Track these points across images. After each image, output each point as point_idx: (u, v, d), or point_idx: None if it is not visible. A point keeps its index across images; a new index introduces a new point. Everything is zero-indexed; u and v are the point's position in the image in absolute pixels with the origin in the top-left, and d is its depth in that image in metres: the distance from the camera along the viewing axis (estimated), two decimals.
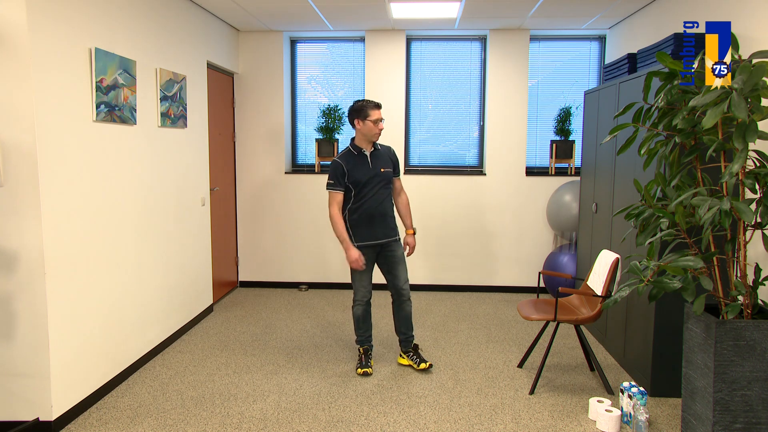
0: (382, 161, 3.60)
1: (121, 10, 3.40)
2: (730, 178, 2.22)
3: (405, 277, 3.64)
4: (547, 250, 5.58)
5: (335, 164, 3.52)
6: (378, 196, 3.54)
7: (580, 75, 5.58)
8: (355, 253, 3.47)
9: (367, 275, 3.62)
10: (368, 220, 3.54)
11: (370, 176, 3.52)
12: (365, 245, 3.55)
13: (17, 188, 2.69)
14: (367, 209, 3.52)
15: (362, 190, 3.52)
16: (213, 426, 2.92)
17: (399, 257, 3.62)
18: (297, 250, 5.73)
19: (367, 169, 3.53)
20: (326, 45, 5.73)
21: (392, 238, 3.61)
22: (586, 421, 3.00)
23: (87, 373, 3.11)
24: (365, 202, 3.52)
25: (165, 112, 3.92)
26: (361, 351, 3.69)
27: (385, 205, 3.58)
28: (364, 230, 3.54)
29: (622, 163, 3.72)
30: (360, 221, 3.54)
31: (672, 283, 2.34)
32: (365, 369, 3.58)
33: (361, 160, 3.55)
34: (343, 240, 3.50)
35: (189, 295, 4.42)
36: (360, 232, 3.54)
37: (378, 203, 3.54)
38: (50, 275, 2.78)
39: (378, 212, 3.54)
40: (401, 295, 3.65)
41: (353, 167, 3.51)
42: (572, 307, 3.53)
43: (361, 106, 3.54)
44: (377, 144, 3.65)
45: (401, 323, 3.71)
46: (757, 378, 2.36)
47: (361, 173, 3.51)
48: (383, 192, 3.57)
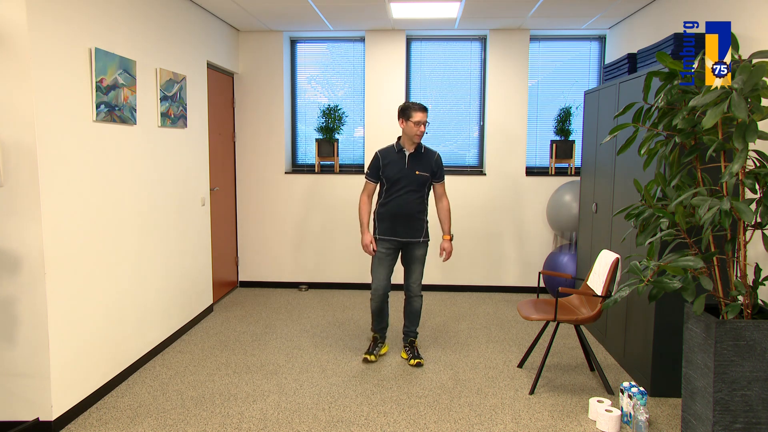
0: (421, 164, 3.66)
1: (121, 10, 3.40)
2: (730, 178, 2.22)
3: (417, 276, 3.77)
4: (547, 250, 5.58)
5: (375, 156, 3.72)
6: (407, 196, 3.64)
7: (580, 75, 5.58)
8: (368, 238, 3.67)
9: (383, 268, 3.72)
10: (392, 217, 3.67)
11: (402, 175, 3.63)
12: (386, 239, 3.70)
13: (17, 188, 2.69)
14: (393, 206, 3.66)
15: (393, 187, 3.65)
16: (213, 426, 2.92)
17: (417, 258, 3.74)
18: (297, 250, 5.73)
19: (402, 168, 3.64)
20: (326, 45, 5.73)
21: (414, 239, 3.70)
22: (586, 421, 3.00)
23: (87, 373, 3.11)
24: (393, 199, 3.66)
25: (165, 112, 3.92)
26: (371, 339, 3.93)
27: (413, 206, 3.66)
28: (387, 225, 3.69)
29: (622, 163, 3.72)
30: (385, 216, 3.69)
31: (672, 283, 2.34)
32: (368, 355, 3.77)
33: (399, 158, 3.66)
34: (361, 224, 3.71)
35: (189, 295, 4.42)
36: (383, 225, 3.70)
37: (405, 203, 3.65)
38: (50, 275, 2.78)
39: (403, 212, 3.65)
40: (411, 290, 3.81)
41: (389, 163, 3.65)
42: (572, 307, 3.53)
43: (406, 107, 3.63)
44: (423, 147, 3.71)
45: (406, 317, 3.89)
46: (757, 378, 2.36)
47: (395, 170, 3.63)
48: (414, 194, 3.65)
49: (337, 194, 5.63)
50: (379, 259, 3.72)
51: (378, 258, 3.72)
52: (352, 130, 5.75)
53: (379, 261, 3.72)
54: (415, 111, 3.57)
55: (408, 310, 3.85)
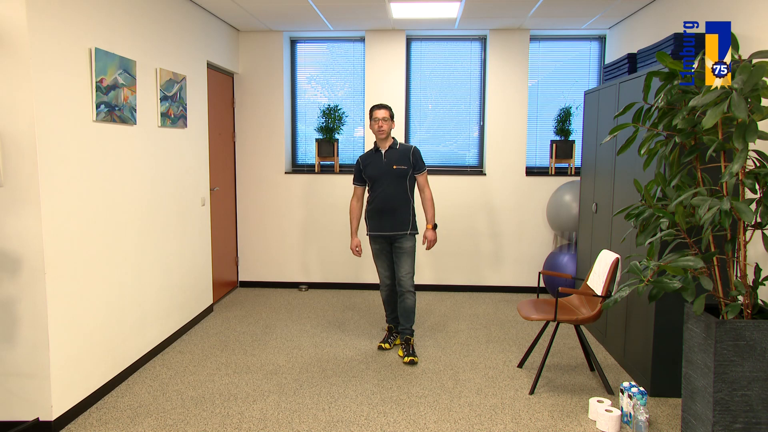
0: (398, 159, 3.83)
1: (122, 10, 3.40)
2: (730, 178, 2.22)
3: (407, 269, 3.84)
4: (547, 250, 5.58)
5: (357, 161, 3.97)
6: (389, 191, 3.82)
7: (580, 75, 5.58)
8: (353, 243, 4.00)
9: (383, 263, 3.96)
10: (378, 213, 3.85)
11: (382, 172, 3.82)
12: (375, 235, 3.90)
13: (17, 188, 2.69)
14: (378, 203, 3.84)
15: (375, 185, 3.86)
16: (213, 426, 2.92)
17: (405, 250, 3.84)
18: (297, 250, 5.73)
19: (381, 165, 3.84)
20: (326, 45, 5.73)
21: (400, 232, 3.84)
22: (586, 421, 3.00)
23: (87, 373, 3.11)
24: (377, 196, 3.85)
25: (165, 112, 3.92)
26: (386, 329, 4.17)
27: (396, 200, 3.83)
28: (375, 222, 3.88)
29: (622, 163, 3.73)
30: (372, 213, 3.88)
31: (672, 283, 2.34)
32: (383, 344, 3.99)
33: (376, 157, 3.87)
34: (350, 228, 4.08)
35: (189, 295, 4.42)
36: (371, 223, 3.90)
37: (388, 197, 3.82)
38: (50, 275, 2.78)
39: (388, 206, 3.82)
40: (401, 285, 3.85)
41: (368, 164, 3.89)
42: (572, 307, 3.53)
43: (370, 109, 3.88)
44: (398, 143, 3.90)
45: (400, 314, 3.93)
46: (757, 378, 2.36)
47: (374, 169, 3.85)
48: (395, 188, 3.82)
49: (337, 194, 5.63)
50: (376, 256, 3.97)
51: (375, 255, 3.97)
52: (352, 130, 5.75)
53: (376, 257, 3.97)
54: (374, 110, 3.81)
55: (401, 307, 3.88)
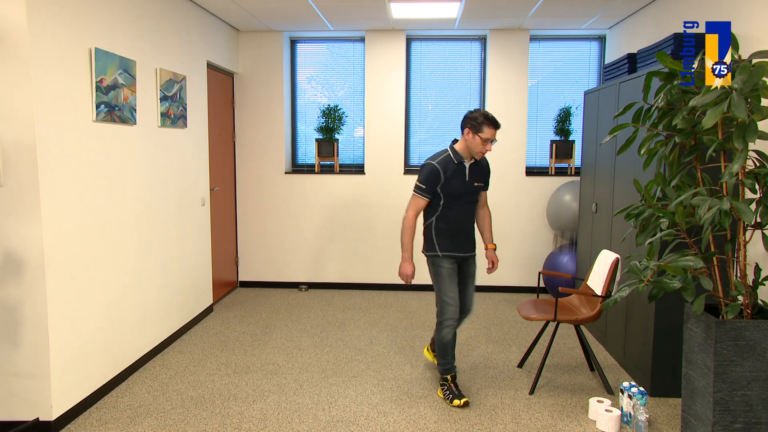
0: (478, 175, 3.32)
1: (122, 10, 3.40)
2: (730, 178, 2.22)
3: (472, 292, 3.44)
4: (547, 250, 5.58)
5: (432, 168, 3.20)
6: (467, 210, 3.31)
7: (580, 75, 5.58)
8: (410, 269, 3.27)
9: (455, 286, 3.30)
10: (455, 233, 3.29)
11: (465, 190, 3.26)
12: (451, 255, 3.29)
13: (17, 188, 2.69)
14: (455, 221, 3.28)
15: (453, 202, 3.26)
16: (213, 426, 2.92)
17: (472, 274, 3.43)
18: (297, 250, 5.73)
19: (464, 181, 3.25)
20: (326, 45, 5.73)
21: (472, 253, 3.39)
22: (586, 421, 3.00)
23: (87, 373, 3.11)
24: (454, 214, 3.28)
25: (165, 112, 3.92)
26: (450, 379, 3.28)
27: (471, 220, 3.37)
28: (450, 242, 3.29)
29: (622, 163, 3.72)
30: (447, 232, 3.29)
31: (672, 283, 2.34)
32: (464, 399, 3.19)
33: (459, 171, 3.24)
34: (405, 249, 3.28)
35: (189, 295, 4.42)
36: (445, 242, 3.29)
37: (466, 217, 3.32)
38: (50, 275, 2.78)
39: (465, 227, 3.33)
40: (468, 310, 3.44)
41: (451, 177, 3.22)
42: (572, 307, 3.53)
43: (478, 119, 3.15)
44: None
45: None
46: (757, 378, 2.36)
47: (458, 185, 3.23)
48: (471, 206, 3.34)
49: (337, 194, 5.62)
50: (449, 276, 3.28)
51: (447, 276, 3.28)
52: (352, 130, 5.75)
53: (450, 278, 3.28)
54: (488, 126, 3.13)
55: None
